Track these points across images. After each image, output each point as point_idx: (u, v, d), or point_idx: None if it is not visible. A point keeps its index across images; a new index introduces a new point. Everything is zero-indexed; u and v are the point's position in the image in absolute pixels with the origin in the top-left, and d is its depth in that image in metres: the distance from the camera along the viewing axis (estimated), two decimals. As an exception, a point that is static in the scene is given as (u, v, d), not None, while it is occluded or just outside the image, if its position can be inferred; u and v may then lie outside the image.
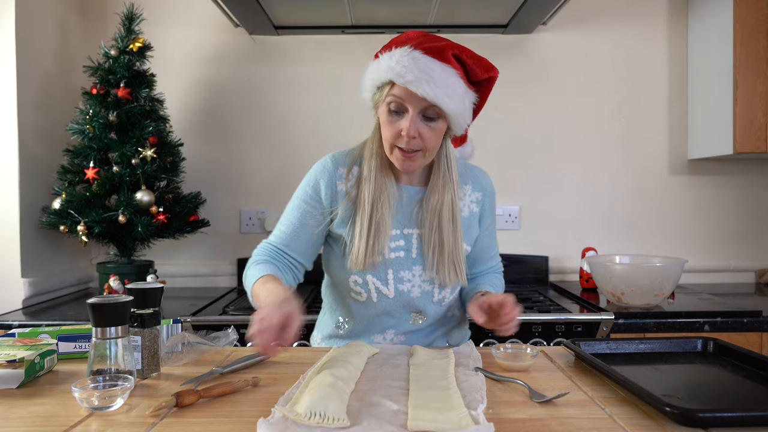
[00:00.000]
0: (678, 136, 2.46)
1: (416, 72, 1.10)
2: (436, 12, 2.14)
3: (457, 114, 1.15)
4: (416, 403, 0.84)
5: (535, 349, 1.09)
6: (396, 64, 1.11)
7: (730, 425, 0.77)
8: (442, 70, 1.12)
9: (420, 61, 1.11)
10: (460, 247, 1.25)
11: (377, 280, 1.26)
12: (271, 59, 2.43)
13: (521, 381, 0.97)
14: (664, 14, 2.44)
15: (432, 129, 1.16)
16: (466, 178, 1.32)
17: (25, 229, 1.99)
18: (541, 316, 1.79)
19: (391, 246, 1.25)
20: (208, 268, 2.43)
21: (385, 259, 1.24)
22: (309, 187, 1.28)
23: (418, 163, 1.20)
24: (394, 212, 1.25)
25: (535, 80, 2.44)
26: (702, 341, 1.16)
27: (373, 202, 1.21)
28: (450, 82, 1.12)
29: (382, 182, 1.23)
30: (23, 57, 1.98)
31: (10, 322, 1.75)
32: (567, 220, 2.46)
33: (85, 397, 0.85)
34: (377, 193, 1.22)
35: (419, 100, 1.12)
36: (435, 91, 1.10)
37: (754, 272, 2.48)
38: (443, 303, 1.31)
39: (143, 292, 1.09)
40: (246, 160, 2.44)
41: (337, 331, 1.35)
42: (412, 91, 1.10)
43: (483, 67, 1.18)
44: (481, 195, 1.33)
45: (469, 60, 1.16)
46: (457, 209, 1.25)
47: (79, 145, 2.06)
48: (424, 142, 1.16)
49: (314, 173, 1.29)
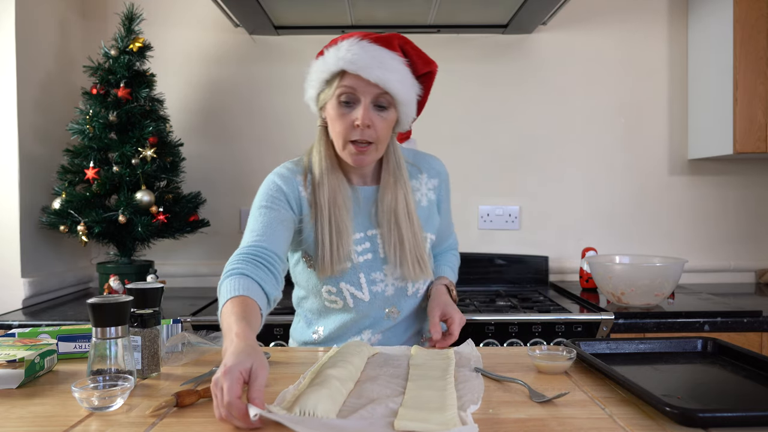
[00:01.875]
0: (678, 136, 2.46)
1: (367, 59, 1.11)
2: (436, 12, 2.14)
3: (407, 102, 1.16)
4: (409, 404, 0.84)
5: (571, 351, 1.07)
6: (346, 52, 1.11)
7: (730, 425, 0.77)
8: (392, 57, 1.13)
9: (369, 48, 1.12)
10: (420, 242, 1.25)
11: (350, 286, 1.25)
12: (271, 59, 2.43)
13: (521, 381, 0.97)
14: (664, 14, 2.44)
15: (384, 119, 1.16)
16: (419, 166, 1.32)
17: (25, 229, 1.99)
18: (541, 316, 1.79)
19: (358, 249, 1.25)
20: (208, 268, 2.43)
21: (354, 264, 1.24)
22: (272, 192, 1.22)
23: (371, 157, 1.19)
24: (352, 214, 1.23)
25: (535, 80, 2.44)
26: (702, 341, 1.16)
27: (330, 206, 1.20)
28: (400, 69, 1.13)
29: (335, 185, 1.22)
30: (23, 57, 1.98)
31: (10, 322, 1.75)
32: (567, 220, 2.46)
33: (85, 397, 0.85)
34: (332, 195, 1.21)
35: (371, 87, 1.12)
36: (387, 77, 1.11)
37: (754, 272, 2.48)
38: (418, 295, 1.32)
39: (143, 292, 1.09)
40: (246, 160, 2.44)
41: (313, 337, 1.34)
42: (365, 78, 1.11)
43: (424, 61, 1.18)
44: (437, 181, 1.33)
45: (413, 52, 1.17)
46: (411, 205, 1.25)
47: (79, 145, 2.06)
48: (376, 133, 1.16)
49: (271, 183, 1.24)
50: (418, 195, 1.31)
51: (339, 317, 1.30)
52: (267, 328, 1.75)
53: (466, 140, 2.44)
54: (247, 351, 0.84)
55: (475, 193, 2.46)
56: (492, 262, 2.38)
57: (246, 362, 0.81)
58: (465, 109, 2.44)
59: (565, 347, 1.10)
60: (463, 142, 2.44)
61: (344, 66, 1.11)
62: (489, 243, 2.46)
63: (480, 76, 2.44)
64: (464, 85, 2.44)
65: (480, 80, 2.44)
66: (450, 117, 2.44)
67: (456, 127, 2.44)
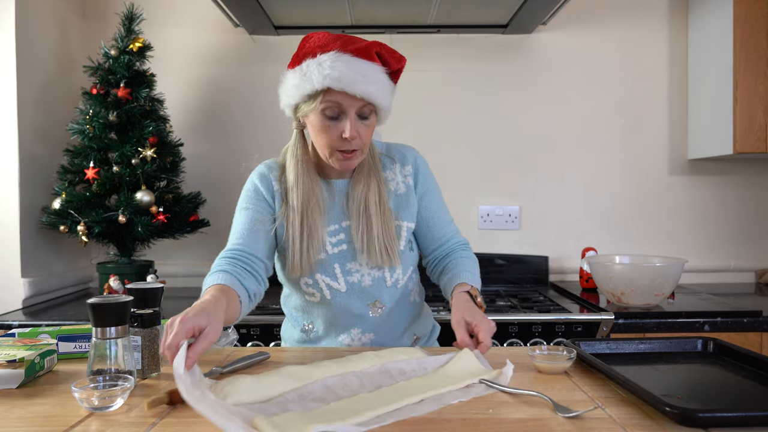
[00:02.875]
0: (678, 136, 2.46)
1: (351, 74, 1.13)
2: (436, 12, 2.14)
3: (388, 107, 1.21)
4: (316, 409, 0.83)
5: (572, 351, 1.06)
6: (330, 70, 1.13)
7: (730, 425, 0.77)
8: (372, 68, 1.16)
9: (351, 63, 1.14)
10: (391, 230, 1.26)
11: (326, 277, 1.27)
12: (271, 59, 2.43)
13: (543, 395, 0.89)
14: (664, 14, 2.44)
15: (367, 126, 1.20)
16: (392, 156, 1.35)
17: (25, 229, 1.99)
18: (541, 316, 1.79)
19: (333, 241, 1.27)
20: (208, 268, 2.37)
21: (329, 254, 1.27)
22: (251, 192, 1.30)
23: (357, 160, 1.23)
24: (326, 210, 1.27)
25: (535, 80, 2.44)
26: (702, 341, 1.16)
27: (302, 209, 1.24)
28: (380, 79, 1.17)
29: (309, 188, 1.25)
30: (23, 57, 1.98)
31: (10, 322, 1.75)
32: (567, 220, 2.46)
33: (85, 397, 0.85)
34: (305, 198, 1.24)
35: (356, 101, 1.16)
36: (370, 89, 1.15)
37: (754, 272, 2.48)
38: (398, 286, 1.31)
39: (143, 292, 1.09)
40: (246, 160, 2.44)
41: (304, 336, 1.36)
42: (350, 93, 1.14)
43: (396, 59, 1.22)
44: (411, 167, 1.34)
45: (386, 54, 1.20)
46: (383, 194, 1.27)
47: (79, 145, 2.06)
48: (362, 140, 1.20)
49: (250, 182, 1.32)
50: (393, 184, 1.32)
51: (320, 312, 1.31)
52: (267, 328, 1.75)
53: (466, 140, 2.44)
54: (209, 313, 0.96)
55: (475, 193, 2.46)
56: (492, 262, 2.38)
57: (203, 321, 0.93)
58: (465, 109, 2.44)
59: (565, 347, 1.10)
60: (463, 142, 2.44)
61: (330, 84, 1.14)
62: (489, 243, 2.46)
63: (480, 76, 2.44)
64: (464, 85, 2.44)
65: (480, 80, 2.44)
66: (450, 117, 2.44)
67: (456, 127, 2.44)
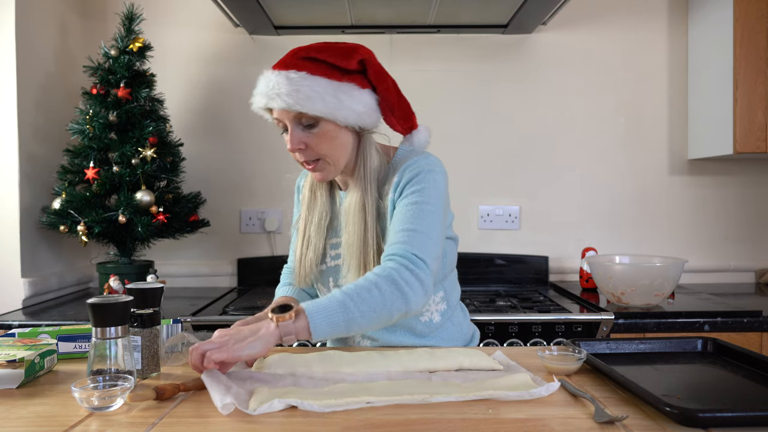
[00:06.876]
0: (678, 136, 2.46)
1: (269, 90, 1.14)
2: (436, 12, 2.14)
3: (331, 111, 1.12)
4: None
5: (581, 351, 1.05)
6: (263, 88, 1.16)
7: (730, 425, 0.77)
8: (296, 76, 1.12)
9: (270, 79, 1.15)
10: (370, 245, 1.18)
11: (324, 287, 1.31)
12: (271, 59, 2.37)
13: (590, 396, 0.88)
14: (664, 14, 2.44)
15: (315, 135, 1.15)
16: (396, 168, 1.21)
17: (25, 229, 1.99)
18: (541, 316, 1.79)
19: (332, 254, 1.28)
20: (208, 268, 2.43)
21: (327, 267, 1.28)
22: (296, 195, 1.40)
23: (327, 171, 1.19)
24: (328, 222, 1.28)
25: (535, 80, 2.44)
26: (702, 341, 1.16)
27: (307, 219, 1.28)
28: (306, 85, 1.11)
29: (317, 198, 1.28)
30: (23, 57, 1.98)
31: (10, 322, 1.75)
32: (567, 220, 2.46)
33: (85, 397, 0.85)
34: (311, 208, 1.29)
35: (287, 113, 1.14)
36: (290, 100, 1.11)
37: (754, 272, 2.48)
38: None
39: (143, 292, 1.09)
40: (246, 160, 2.44)
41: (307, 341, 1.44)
42: (275, 108, 1.15)
43: (345, 55, 1.15)
44: (397, 178, 1.19)
45: (324, 55, 1.14)
46: (369, 206, 1.18)
47: (79, 145, 2.06)
48: (314, 150, 1.16)
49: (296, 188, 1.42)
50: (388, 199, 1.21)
51: None
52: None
53: (466, 140, 2.44)
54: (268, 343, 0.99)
55: (475, 193, 2.46)
56: (492, 262, 2.38)
57: (260, 353, 1.00)
58: (465, 109, 2.44)
59: (575, 347, 1.10)
60: (463, 142, 2.44)
61: (266, 103, 1.16)
62: (489, 243, 2.46)
63: (480, 76, 2.44)
64: (464, 85, 2.44)
65: (480, 80, 2.44)
66: (450, 117, 2.44)
67: (456, 127, 2.44)
